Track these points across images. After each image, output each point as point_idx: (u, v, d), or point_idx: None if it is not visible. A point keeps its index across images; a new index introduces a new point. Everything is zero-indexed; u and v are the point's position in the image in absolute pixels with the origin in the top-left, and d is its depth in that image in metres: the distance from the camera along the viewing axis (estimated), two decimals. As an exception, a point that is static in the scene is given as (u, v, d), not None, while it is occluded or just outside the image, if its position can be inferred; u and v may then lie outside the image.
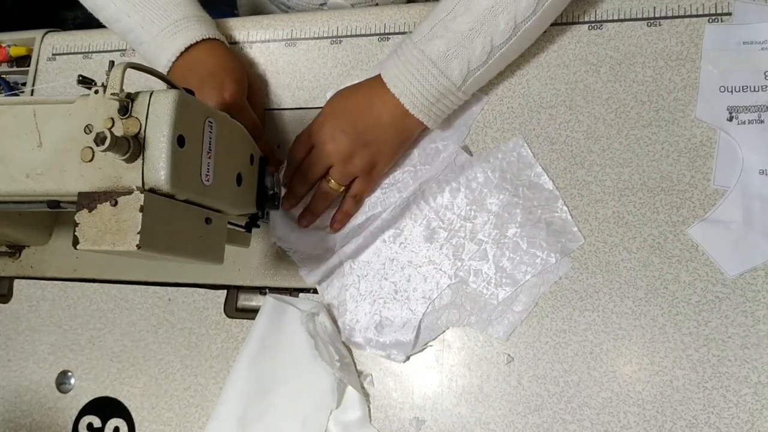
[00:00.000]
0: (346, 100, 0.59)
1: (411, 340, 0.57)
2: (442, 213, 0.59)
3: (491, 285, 0.57)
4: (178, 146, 0.44)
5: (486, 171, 0.59)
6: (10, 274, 0.71)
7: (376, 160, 0.58)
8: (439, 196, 0.59)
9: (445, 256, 0.58)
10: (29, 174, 0.47)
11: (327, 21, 0.68)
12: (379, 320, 0.59)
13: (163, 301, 0.66)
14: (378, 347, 0.58)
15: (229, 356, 0.63)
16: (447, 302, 0.58)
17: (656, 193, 0.56)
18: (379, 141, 0.57)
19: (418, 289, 0.58)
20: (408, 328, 0.58)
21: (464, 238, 0.58)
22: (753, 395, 0.51)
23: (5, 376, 0.68)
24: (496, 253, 0.57)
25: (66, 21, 1.43)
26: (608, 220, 0.57)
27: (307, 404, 0.58)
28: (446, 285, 0.58)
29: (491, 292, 0.57)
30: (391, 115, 0.56)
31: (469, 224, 0.58)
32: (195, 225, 0.49)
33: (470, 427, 0.55)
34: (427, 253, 0.59)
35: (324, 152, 0.58)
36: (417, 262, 0.59)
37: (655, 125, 0.57)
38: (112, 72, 0.44)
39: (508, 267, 0.57)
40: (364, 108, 0.57)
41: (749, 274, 0.53)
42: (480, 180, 0.59)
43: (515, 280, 0.56)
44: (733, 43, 0.57)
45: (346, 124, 0.57)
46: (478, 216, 0.58)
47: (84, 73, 0.49)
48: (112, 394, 0.65)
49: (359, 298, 0.60)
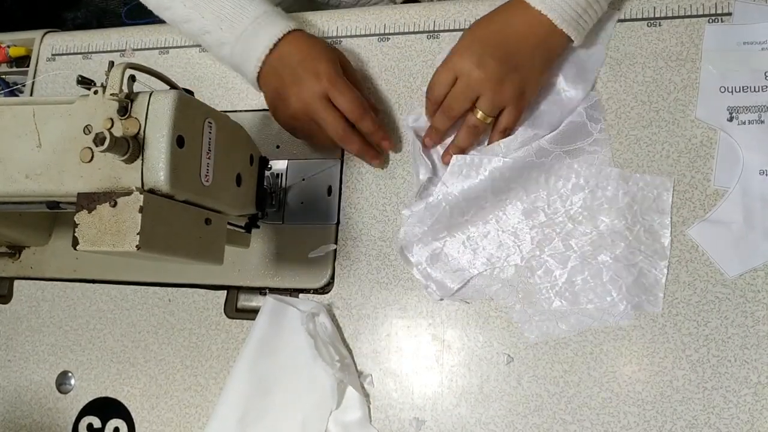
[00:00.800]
0: (486, 26, 0.56)
1: (453, 288, 0.57)
2: (553, 199, 0.57)
3: (552, 290, 0.56)
4: (178, 147, 0.44)
5: (618, 190, 0.56)
6: (10, 274, 0.71)
7: (525, 86, 0.55)
8: (561, 182, 0.57)
9: (530, 238, 0.57)
10: (28, 174, 0.47)
11: (327, 21, 0.68)
12: (438, 252, 0.59)
13: (163, 302, 0.66)
14: (422, 275, 0.59)
15: (229, 357, 0.62)
16: (505, 278, 0.57)
17: (656, 193, 0.56)
18: (528, 64, 0.55)
19: (487, 249, 0.58)
20: (458, 276, 0.58)
21: (557, 234, 0.57)
22: (753, 396, 0.50)
23: (5, 376, 0.68)
24: (576, 267, 0.56)
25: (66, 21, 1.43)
26: (608, 220, 0.56)
27: (307, 404, 0.58)
28: (514, 264, 0.57)
29: (547, 296, 0.56)
30: (536, 35, 0.55)
31: (570, 225, 0.56)
32: (194, 225, 0.49)
33: (470, 427, 0.55)
34: (517, 224, 0.58)
35: (472, 82, 0.55)
36: (502, 226, 0.58)
37: (655, 125, 0.57)
38: (111, 72, 0.44)
39: (578, 285, 0.55)
40: (508, 31, 0.55)
41: (749, 275, 0.53)
42: (607, 194, 0.56)
43: (575, 301, 0.55)
44: (733, 44, 0.57)
45: (493, 48, 0.54)
46: (583, 224, 0.56)
47: (83, 73, 0.49)
48: (112, 394, 0.65)
49: (434, 221, 0.58)
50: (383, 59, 0.66)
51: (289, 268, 0.63)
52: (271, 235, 0.64)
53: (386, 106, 0.64)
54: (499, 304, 0.57)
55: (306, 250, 0.62)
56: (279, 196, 0.64)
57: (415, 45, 0.65)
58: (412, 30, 0.66)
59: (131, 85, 0.45)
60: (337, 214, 0.63)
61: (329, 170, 0.64)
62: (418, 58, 0.65)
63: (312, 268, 0.62)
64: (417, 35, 0.65)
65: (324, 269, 0.62)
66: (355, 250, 0.62)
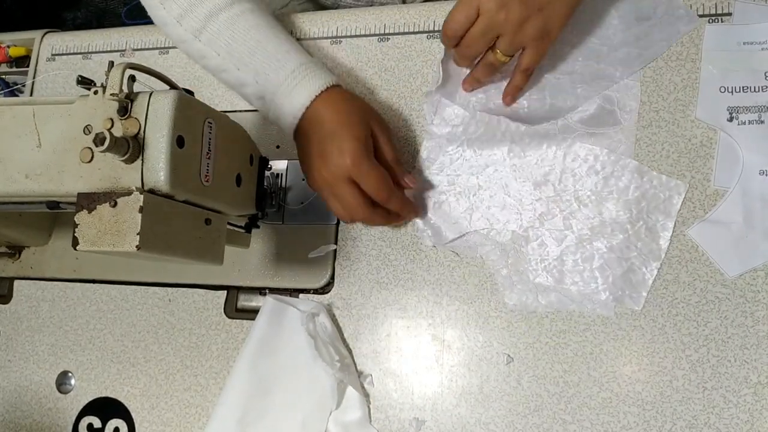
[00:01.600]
0: None
1: (449, 238, 0.59)
2: (566, 176, 0.57)
3: (541, 264, 0.56)
4: (178, 147, 0.44)
5: (631, 183, 0.56)
6: (10, 274, 0.71)
7: (549, 27, 0.54)
8: (578, 162, 0.57)
9: (532, 209, 0.57)
10: (28, 174, 0.47)
11: (327, 21, 0.68)
12: (442, 202, 0.60)
13: (163, 302, 0.66)
14: (423, 220, 0.60)
15: (229, 357, 0.62)
16: (499, 241, 0.58)
17: (656, 193, 0.56)
18: (554, 3, 0.53)
19: (490, 209, 0.58)
20: (455, 228, 0.59)
21: (561, 211, 0.57)
22: (753, 396, 0.50)
23: (5, 376, 0.68)
24: (570, 247, 0.56)
25: (65, 21, 1.43)
26: (608, 220, 0.56)
27: (307, 405, 0.58)
28: (511, 230, 0.58)
29: (535, 268, 0.56)
30: None
31: (575, 205, 0.57)
32: (194, 226, 0.49)
33: (470, 427, 0.55)
34: (523, 192, 0.58)
35: (493, 23, 0.53)
36: (509, 191, 0.58)
37: (655, 126, 0.57)
38: (111, 72, 0.44)
39: (567, 265, 0.56)
40: None
41: (749, 275, 0.53)
42: (620, 185, 0.56)
43: (561, 280, 0.56)
44: (733, 44, 0.57)
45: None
46: (588, 207, 0.56)
47: (83, 73, 0.49)
48: (112, 394, 0.65)
49: (444, 171, 0.60)
50: (383, 59, 0.66)
51: (289, 268, 0.63)
52: (271, 235, 0.64)
53: (386, 106, 0.64)
54: (497, 303, 0.57)
55: (306, 250, 0.62)
56: (279, 196, 0.64)
57: (415, 45, 0.65)
58: (412, 30, 0.66)
59: (131, 85, 0.45)
60: (337, 214, 0.63)
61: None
62: (418, 58, 0.65)
63: (312, 268, 0.62)
64: (417, 35, 0.65)
65: (324, 269, 0.62)
66: (355, 250, 0.62)
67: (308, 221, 0.63)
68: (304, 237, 0.63)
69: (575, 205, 0.57)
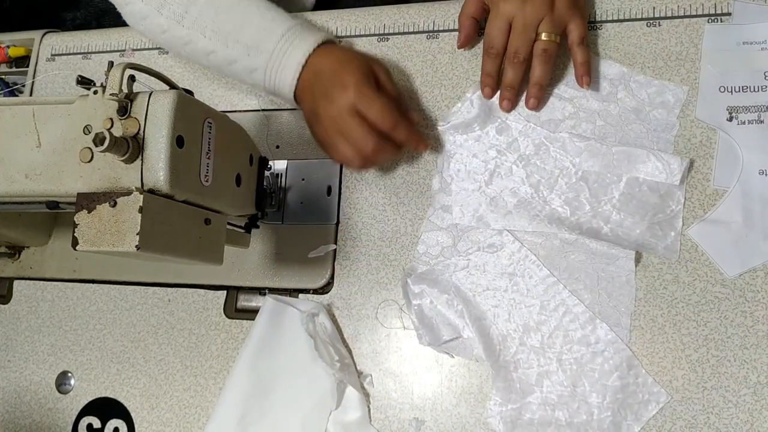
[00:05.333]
0: None
1: (443, 339, 0.56)
2: (555, 334, 0.55)
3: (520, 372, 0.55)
4: (177, 147, 0.44)
5: (616, 370, 0.53)
6: (10, 275, 0.71)
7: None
8: (575, 324, 0.54)
9: (513, 351, 0.55)
10: (28, 174, 0.47)
11: (326, 21, 0.68)
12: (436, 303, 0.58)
13: (163, 302, 0.66)
14: (418, 317, 0.57)
15: (228, 357, 0.62)
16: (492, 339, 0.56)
17: (656, 193, 0.56)
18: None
19: (482, 310, 0.57)
20: (451, 330, 0.57)
21: (537, 365, 0.54)
22: (752, 395, 0.50)
23: (5, 376, 0.68)
24: (549, 371, 0.54)
25: (65, 21, 1.43)
26: (608, 220, 0.56)
27: (307, 405, 0.58)
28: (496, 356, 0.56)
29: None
30: None
31: (554, 366, 0.54)
32: (194, 226, 0.49)
33: (470, 427, 0.55)
34: (509, 329, 0.56)
35: (526, 17, 0.54)
36: (498, 323, 0.56)
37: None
38: (111, 72, 0.44)
39: (547, 386, 0.54)
40: None
41: (749, 275, 0.53)
42: (605, 368, 0.53)
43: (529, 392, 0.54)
44: (732, 43, 0.57)
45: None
46: (565, 374, 0.54)
47: (83, 73, 0.49)
48: (112, 394, 0.65)
49: (446, 262, 0.58)
50: (383, 59, 0.66)
51: (289, 268, 0.63)
52: (271, 235, 0.64)
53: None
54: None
55: (306, 250, 0.62)
56: (279, 196, 0.64)
57: (415, 45, 0.65)
58: (412, 30, 0.66)
59: (131, 85, 0.45)
60: (336, 214, 0.63)
61: (329, 170, 0.64)
62: (418, 58, 0.65)
63: (312, 268, 0.62)
64: (417, 35, 0.65)
65: (324, 269, 0.62)
66: (354, 250, 0.62)
67: (308, 221, 0.63)
68: (304, 237, 0.63)
69: (554, 366, 0.54)
